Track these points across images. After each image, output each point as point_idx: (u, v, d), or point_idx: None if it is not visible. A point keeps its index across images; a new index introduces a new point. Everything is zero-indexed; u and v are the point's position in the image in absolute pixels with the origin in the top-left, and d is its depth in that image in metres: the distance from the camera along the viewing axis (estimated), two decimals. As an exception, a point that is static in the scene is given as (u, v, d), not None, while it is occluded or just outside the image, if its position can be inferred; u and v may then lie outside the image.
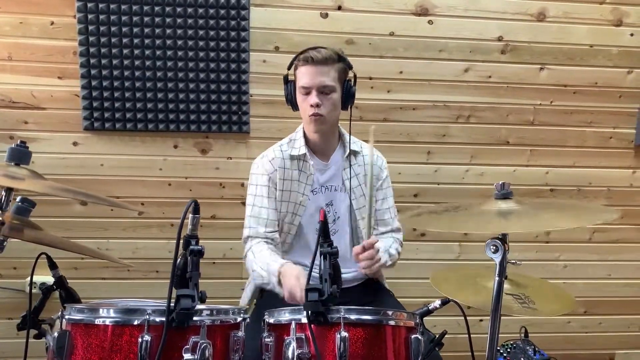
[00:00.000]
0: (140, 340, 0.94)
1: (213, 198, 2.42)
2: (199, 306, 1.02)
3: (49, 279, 2.38)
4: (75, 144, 2.32)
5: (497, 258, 1.13)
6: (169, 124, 2.31)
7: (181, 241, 1.03)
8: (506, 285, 1.48)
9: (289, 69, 1.76)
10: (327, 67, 1.69)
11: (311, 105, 1.68)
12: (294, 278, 1.49)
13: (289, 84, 1.77)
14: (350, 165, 1.82)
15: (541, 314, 1.41)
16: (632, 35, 2.50)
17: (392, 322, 1.08)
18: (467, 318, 1.39)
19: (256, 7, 2.30)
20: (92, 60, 2.23)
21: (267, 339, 1.09)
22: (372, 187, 1.68)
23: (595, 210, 1.39)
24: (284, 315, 1.10)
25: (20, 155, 1.05)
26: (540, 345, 2.34)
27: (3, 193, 1.04)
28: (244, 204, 2.41)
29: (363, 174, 1.86)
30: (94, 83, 2.25)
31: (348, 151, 1.83)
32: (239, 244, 2.45)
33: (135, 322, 0.97)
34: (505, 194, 1.18)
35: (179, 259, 1.01)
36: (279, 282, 1.58)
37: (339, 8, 2.35)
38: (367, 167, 1.87)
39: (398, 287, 2.03)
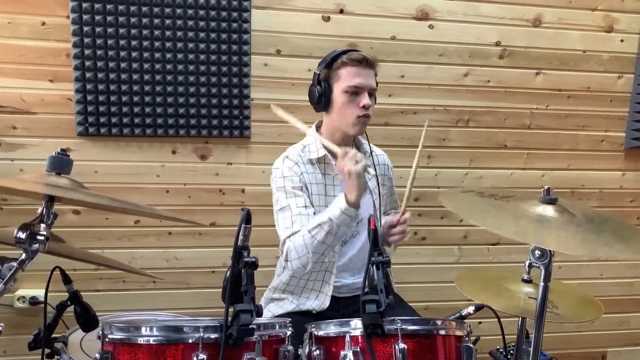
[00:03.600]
0: (195, 359, 0.89)
1: (213, 205, 2.36)
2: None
3: (39, 293, 2.30)
4: (68, 150, 2.20)
5: (542, 264, 1.12)
6: (167, 128, 2.23)
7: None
8: (531, 290, 1.50)
9: (326, 67, 1.72)
10: (374, 70, 1.74)
11: (363, 106, 1.66)
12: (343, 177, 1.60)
13: (323, 82, 1.72)
14: (374, 165, 1.83)
15: (564, 319, 1.42)
16: (622, 41, 2.57)
17: (442, 332, 1.06)
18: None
19: (257, 10, 2.25)
20: (87, 63, 2.13)
21: (315, 352, 1.05)
22: (417, 164, 1.75)
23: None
24: (335, 328, 1.06)
25: (62, 164, 0.98)
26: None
27: (44, 205, 0.96)
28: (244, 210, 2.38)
29: (380, 173, 1.91)
30: (88, 87, 2.15)
31: (369, 151, 1.83)
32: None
33: (190, 341, 0.91)
34: (550, 200, 1.16)
35: (227, 272, 0.96)
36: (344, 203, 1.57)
37: (341, 12, 2.33)
38: (380, 167, 1.93)
39: (399, 292, 2.01)
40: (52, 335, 1.36)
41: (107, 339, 0.96)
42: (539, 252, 1.12)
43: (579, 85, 2.58)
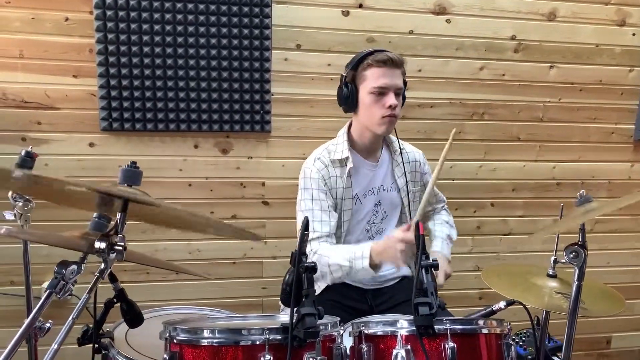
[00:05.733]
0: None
1: (234, 198, 2.40)
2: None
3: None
4: (91, 145, 2.24)
5: (577, 263, 1.18)
6: (190, 123, 2.26)
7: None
8: (556, 284, 1.56)
9: (352, 68, 1.75)
10: (400, 71, 1.76)
11: (389, 106, 1.70)
12: (387, 242, 1.59)
13: (350, 84, 1.76)
14: (404, 162, 1.87)
15: (591, 313, 1.47)
16: (634, 35, 2.61)
17: (485, 331, 1.12)
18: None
19: (278, 5, 2.27)
20: (110, 59, 2.14)
21: (364, 349, 1.11)
22: (437, 176, 1.69)
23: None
24: (385, 327, 1.11)
25: (134, 176, 1.01)
26: (542, 331, 2.45)
27: (119, 217, 1.00)
28: (264, 203, 2.43)
29: (409, 170, 1.93)
30: (112, 82, 2.17)
31: (399, 150, 1.88)
32: (259, 244, 2.46)
33: (257, 342, 0.96)
34: (586, 200, 1.22)
35: (287, 276, 1.01)
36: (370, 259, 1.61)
37: (360, 6, 2.35)
38: (410, 164, 1.96)
39: None
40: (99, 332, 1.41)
41: (174, 341, 1.01)
42: (573, 253, 1.18)
43: (591, 79, 2.63)
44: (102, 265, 0.99)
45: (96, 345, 1.40)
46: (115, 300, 1.41)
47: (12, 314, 2.29)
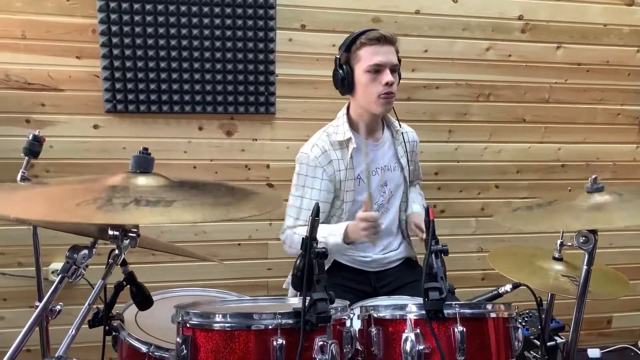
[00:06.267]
0: (274, 344, 0.95)
1: (238, 180, 2.40)
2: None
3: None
4: (96, 126, 2.23)
5: (587, 248, 1.18)
6: (194, 105, 2.25)
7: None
8: (562, 267, 1.57)
9: (345, 50, 1.73)
10: (393, 47, 1.73)
11: (386, 84, 1.68)
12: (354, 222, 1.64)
13: (344, 66, 1.74)
14: (405, 142, 1.87)
15: (596, 296, 1.49)
16: (642, 14, 2.57)
17: (493, 315, 1.13)
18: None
19: (283, -16, 2.24)
20: (113, 40, 2.12)
21: (373, 331, 1.12)
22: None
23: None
24: (394, 311, 1.12)
25: (146, 162, 1.01)
26: (545, 312, 2.48)
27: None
28: (269, 185, 2.43)
29: (410, 150, 1.95)
30: (116, 63, 2.15)
31: (399, 129, 1.87)
32: (264, 225, 2.48)
33: (270, 327, 0.97)
34: (597, 188, 1.22)
35: (298, 261, 1.01)
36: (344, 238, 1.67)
37: (366, -15, 2.31)
38: (410, 144, 1.97)
39: (420, 262, 2.09)
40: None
41: (187, 324, 1.02)
42: (584, 238, 1.18)
43: (598, 59, 2.60)
44: (116, 252, 0.99)
45: (107, 328, 1.41)
46: (124, 283, 1.42)
47: (19, 295, 2.32)
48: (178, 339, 1.02)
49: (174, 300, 1.67)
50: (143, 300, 1.42)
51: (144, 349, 1.30)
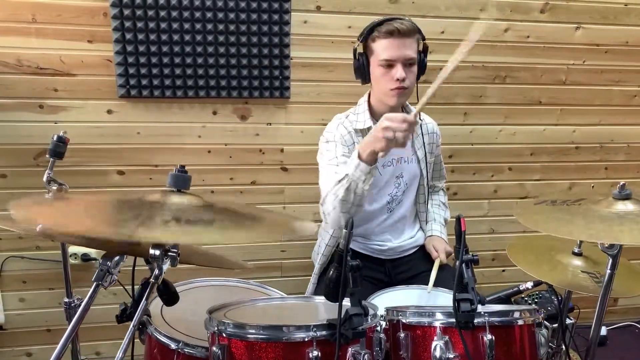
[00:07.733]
0: (310, 355, 0.97)
1: (253, 164, 2.40)
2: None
3: (89, 250, 2.36)
4: (109, 112, 2.21)
5: (611, 253, 1.19)
6: (208, 90, 2.22)
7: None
8: (581, 263, 1.58)
9: (362, 40, 1.70)
10: (410, 40, 1.68)
11: (397, 79, 1.65)
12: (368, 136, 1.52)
13: (361, 56, 1.72)
14: (423, 134, 1.85)
15: (616, 293, 1.49)
16: (665, -7, 2.51)
17: (520, 322, 1.15)
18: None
19: (298, -36, 2.17)
20: (126, 24, 2.08)
21: (401, 336, 1.15)
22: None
23: None
24: (423, 318, 1.14)
25: (183, 181, 1.00)
26: (552, 294, 2.52)
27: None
28: (283, 169, 2.43)
29: (428, 142, 1.92)
30: (129, 48, 2.11)
31: (419, 120, 1.84)
32: (278, 209, 2.49)
33: (307, 339, 0.99)
34: (625, 196, 1.21)
35: (331, 272, 1.02)
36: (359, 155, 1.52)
37: (383, -35, 2.25)
38: (429, 135, 1.94)
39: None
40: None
41: (224, 334, 1.04)
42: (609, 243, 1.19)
43: (617, 40, 2.55)
44: (157, 271, 1.00)
45: (138, 327, 1.44)
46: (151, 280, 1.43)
47: (38, 277, 2.35)
48: (215, 349, 1.04)
49: (196, 292, 1.70)
50: (169, 297, 1.44)
51: (173, 345, 1.33)
